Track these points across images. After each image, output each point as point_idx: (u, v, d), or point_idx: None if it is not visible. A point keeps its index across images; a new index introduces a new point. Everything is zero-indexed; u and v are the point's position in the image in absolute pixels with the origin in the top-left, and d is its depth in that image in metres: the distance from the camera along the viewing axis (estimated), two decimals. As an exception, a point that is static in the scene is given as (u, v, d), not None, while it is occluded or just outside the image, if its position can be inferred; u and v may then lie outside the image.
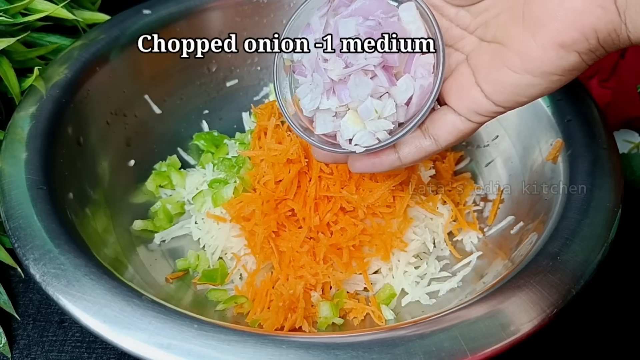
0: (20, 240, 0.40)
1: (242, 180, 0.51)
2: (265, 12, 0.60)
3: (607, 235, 0.41)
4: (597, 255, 0.40)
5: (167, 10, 0.57)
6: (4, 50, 0.50)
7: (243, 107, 0.62)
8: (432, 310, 0.47)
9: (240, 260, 0.50)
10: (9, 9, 0.52)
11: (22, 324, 0.49)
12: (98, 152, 0.52)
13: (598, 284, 0.50)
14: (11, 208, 0.42)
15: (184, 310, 0.38)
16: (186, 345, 0.35)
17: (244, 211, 0.49)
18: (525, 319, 0.37)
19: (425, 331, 0.36)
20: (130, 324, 0.36)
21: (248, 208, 0.48)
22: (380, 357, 0.34)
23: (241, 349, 0.35)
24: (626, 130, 0.62)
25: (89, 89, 0.51)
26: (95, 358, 0.47)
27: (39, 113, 0.47)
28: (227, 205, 0.50)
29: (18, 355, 0.47)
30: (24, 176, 0.43)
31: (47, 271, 0.39)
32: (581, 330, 0.50)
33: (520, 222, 0.49)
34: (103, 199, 0.50)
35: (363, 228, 0.48)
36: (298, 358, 0.35)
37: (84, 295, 0.37)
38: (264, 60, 0.62)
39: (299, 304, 0.45)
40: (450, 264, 0.51)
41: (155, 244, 0.52)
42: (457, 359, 0.35)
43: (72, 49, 0.53)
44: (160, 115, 0.58)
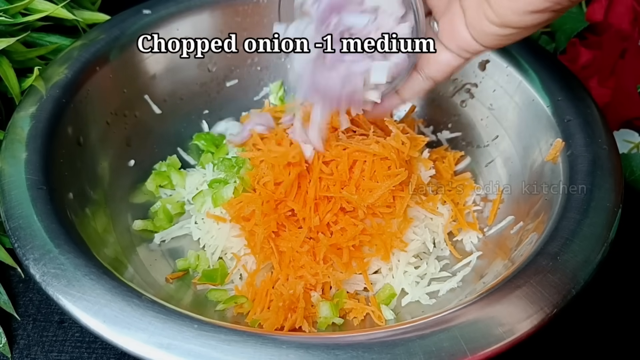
0: (20, 240, 0.40)
1: (242, 181, 0.51)
2: (265, 12, 0.60)
3: (607, 235, 0.41)
4: (597, 255, 0.40)
5: (167, 10, 0.57)
6: (3, 50, 0.50)
7: (243, 107, 0.61)
8: (432, 310, 0.47)
9: (240, 260, 0.50)
10: (9, 8, 0.52)
11: (22, 324, 0.49)
12: (98, 152, 0.52)
13: (598, 284, 0.50)
14: (11, 208, 0.42)
15: (184, 310, 0.38)
16: (186, 345, 0.35)
17: (244, 211, 0.49)
18: (525, 319, 0.37)
19: (425, 331, 0.36)
20: (130, 324, 0.36)
21: (248, 208, 0.48)
22: (380, 357, 0.34)
23: (241, 348, 0.35)
24: (626, 130, 0.62)
25: (89, 89, 0.51)
26: (95, 358, 0.47)
27: (39, 113, 0.47)
28: (227, 205, 0.50)
29: (18, 355, 0.47)
30: (24, 176, 0.43)
31: (47, 271, 0.38)
32: (581, 330, 0.50)
33: (520, 222, 0.49)
34: (103, 199, 0.50)
35: (363, 228, 0.48)
36: (298, 358, 0.35)
37: (84, 295, 0.37)
38: (264, 60, 0.62)
39: (299, 304, 0.45)
40: (450, 264, 0.51)
41: (155, 244, 0.52)
42: (457, 358, 0.34)
43: (72, 49, 0.53)
44: (160, 115, 0.58)
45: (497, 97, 0.56)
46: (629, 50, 0.63)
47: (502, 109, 0.56)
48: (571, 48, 0.68)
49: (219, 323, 0.37)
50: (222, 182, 0.52)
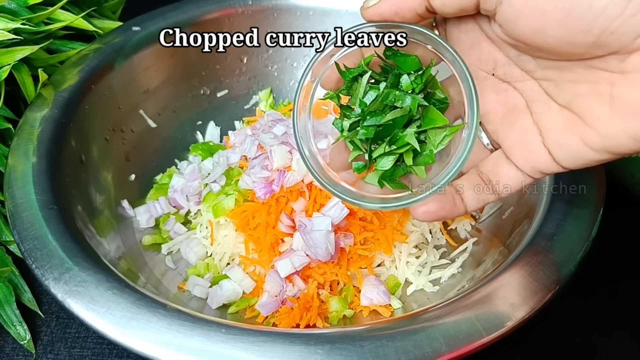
0: (37, 261, 0.40)
1: (239, 193, 0.52)
2: (250, 22, 0.61)
3: (597, 214, 0.44)
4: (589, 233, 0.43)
5: (156, 26, 0.58)
6: (24, 57, 0.51)
7: (235, 116, 0.63)
8: (437, 297, 0.49)
9: (249, 265, 0.51)
10: (32, 17, 0.53)
11: (46, 321, 0.50)
12: (100, 168, 0.52)
13: (598, 283, 0.53)
14: (24, 230, 0.42)
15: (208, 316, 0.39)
16: (217, 349, 0.36)
17: (249, 223, 0.50)
18: (532, 296, 0.39)
19: (443, 316, 0.38)
20: (158, 335, 0.37)
21: (253, 221, 0.50)
22: (403, 345, 0.36)
23: (270, 348, 0.36)
24: None
25: (86, 107, 0.52)
26: (116, 354, 0.48)
27: (42, 134, 0.48)
28: (231, 214, 0.51)
29: (42, 351, 0.48)
30: (34, 197, 0.44)
31: (69, 289, 0.39)
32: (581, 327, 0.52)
33: (511, 207, 0.52)
34: (110, 214, 0.51)
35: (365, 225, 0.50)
36: (326, 353, 0.36)
37: (109, 310, 0.38)
38: (252, 69, 0.64)
39: (314, 303, 0.47)
40: (447, 252, 0.54)
41: (163, 255, 0.53)
42: (475, 340, 0.36)
43: (65, 68, 0.53)
44: (156, 129, 0.59)
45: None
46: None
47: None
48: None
49: (246, 325, 0.38)
50: (220, 193, 0.53)
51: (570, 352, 0.50)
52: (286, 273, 0.47)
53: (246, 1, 0.61)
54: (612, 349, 0.50)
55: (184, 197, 0.54)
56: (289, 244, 0.49)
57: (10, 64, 0.49)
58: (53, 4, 0.54)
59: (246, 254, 0.50)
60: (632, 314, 0.53)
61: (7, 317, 0.48)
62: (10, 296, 0.48)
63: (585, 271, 0.43)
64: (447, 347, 0.36)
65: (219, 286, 0.49)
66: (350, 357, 0.35)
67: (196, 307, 0.48)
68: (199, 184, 0.54)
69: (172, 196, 0.54)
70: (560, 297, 0.40)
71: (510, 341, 0.38)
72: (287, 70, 0.65)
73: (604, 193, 0.46)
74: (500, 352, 0.43)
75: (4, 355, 0.48)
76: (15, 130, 0.49)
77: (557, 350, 0.50)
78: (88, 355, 0.48)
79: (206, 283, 0.50)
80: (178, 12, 0.60)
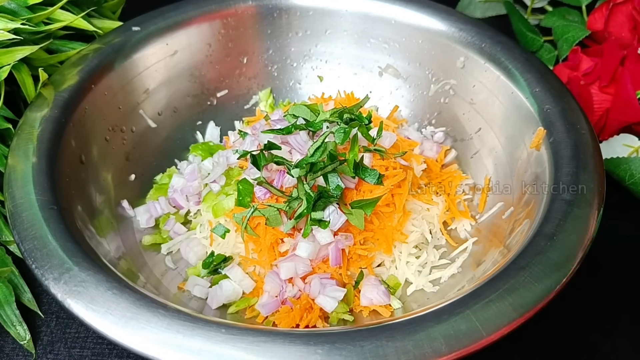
0: (37, 261, 0.40)
1: (239, 192, 0.52)
2: (249, 23, 0.61)
3: (597, 213, 0.44)
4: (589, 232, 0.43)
5: (155, 26, 0.58)
6: (24, 57, 0.51)
7: (235, 116, 0.63)
8: (437, 297, 0.49)
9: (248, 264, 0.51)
10: (32, 17, 0.53)
11: (46, 321, 0.50)
12: (100, 168, 0.52)
13: (598, 283, 0.53)
14: (24, 230, 0.42)
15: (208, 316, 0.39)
16: (217, 349, 0.36)
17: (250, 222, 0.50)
18: (533, 297, 0.39)
19: (443, 317, 0.38)
20: (158, 335, 0.37)
21: (253, 222, 0.50)
22: (403, 345, 0.36)
23: (270, 348, 0.36)
24: (626, 135, 0.63)
25: (86, 107, 0.52)
26: (116, 354, 0.48)
27: (42, 134, 0.48)
28: (230, 215, 0.51)
29: (42, 351, 0.48)
30: (33, 197, 0.44)
31: (69, 289, 0.39)
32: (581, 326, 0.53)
33: (511, 207, 0.52)
34: (110, 214, 0.51)
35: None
36: (326, 352, 0.36)
37: (109, 310, 0.38)
38: (252, 69, 0.63)
39: (315, 305, 0.47)
40: (447, 252, 0.54)
41: (163, 255, 0.53)
42: (475, 340, 0.36)
43: (65, 69, 0.53)
44: (156, 129, 0.58)
45: (476, 92, 0.59)
46: (628, 58, 0.64)
47: (482, 103, 0.59)
48: (573, 56, 0.69)
49: (246, 325, 0.38)
50: (220, 193, 0.53)
51: (570, 351, 0.50)
52: (287, 277, 0.48)
53: (246, 1, 0.61)
54: (611, 348, 0.50)
55: (183, 197, 0.54)
56: (288, 244, 0.49)
57: (10, 64, 0.49)
58: (53, 4, 0.54)
59: (246, 254, 0.50)
60: (632, 314, 0.53)
61: (7, 317, 0.48)
62: (10, 296, 0.48)
63: (585, 271, 0.43)
64: (447, 347, 0.36)
65: (218, 286, 0.49)
66: (350, 357, 0.35)
67: (196, 307, 0.48)
68: (199, 184, 0.54)
69: (172, 196, 0.54)
70: (560, 297, 0.40)
71: (510, 340, 0.38)
72: (287, 70, 0.65)
73: (604, 193, 0.46)
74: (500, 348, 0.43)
75: (4, 356, 0.48)
76: (15, 130, 0.49)
77: (557, 350, 0.50)
78: (88, 355, 0.48)
79: (206, 283, 0.50)
80: (178, 12, 0.60)
